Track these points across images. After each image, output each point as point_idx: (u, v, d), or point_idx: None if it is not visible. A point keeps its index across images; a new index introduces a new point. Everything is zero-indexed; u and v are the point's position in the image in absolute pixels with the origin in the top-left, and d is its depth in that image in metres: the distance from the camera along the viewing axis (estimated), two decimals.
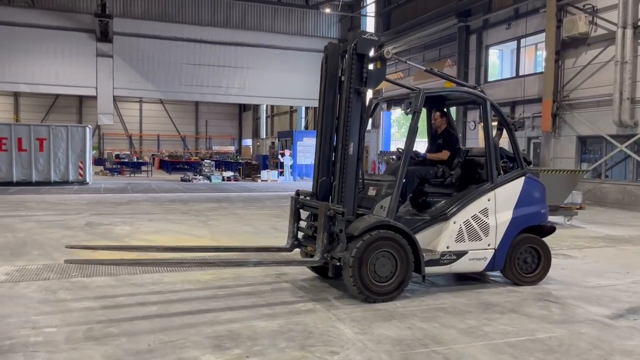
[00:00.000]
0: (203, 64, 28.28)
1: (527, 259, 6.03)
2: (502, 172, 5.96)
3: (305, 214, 5.99)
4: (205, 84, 28.67)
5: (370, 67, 5.55)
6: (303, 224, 6.03)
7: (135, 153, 44.42)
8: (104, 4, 25.58)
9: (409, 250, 5.23)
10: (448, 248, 5.59)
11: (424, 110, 6.19)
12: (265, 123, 48.01)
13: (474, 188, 5.85)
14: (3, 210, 12.51)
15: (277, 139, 34.92)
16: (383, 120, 27.51)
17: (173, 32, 27.58)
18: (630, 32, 14.43)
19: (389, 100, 6.65)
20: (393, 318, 4.75)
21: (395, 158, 6.72)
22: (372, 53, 5.56)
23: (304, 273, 6.35)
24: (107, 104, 27.18)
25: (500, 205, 5.83)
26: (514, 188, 5.94)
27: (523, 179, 6.01)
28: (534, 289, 5.86)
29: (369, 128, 26.48)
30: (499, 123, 6.20)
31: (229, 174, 27.10)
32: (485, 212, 5.76)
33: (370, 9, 28.64)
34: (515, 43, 19.41)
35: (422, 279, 5.69)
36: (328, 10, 29.28)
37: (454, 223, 5.62)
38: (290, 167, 27.59)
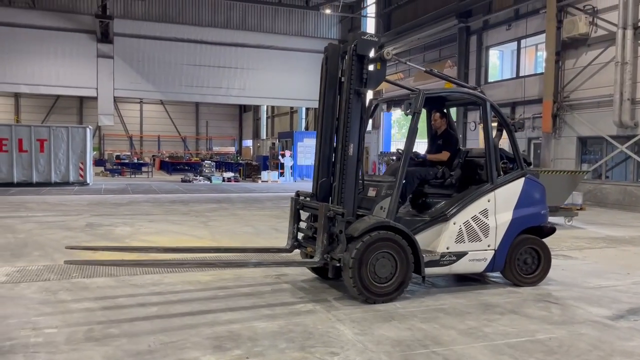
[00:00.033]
0: (203, 65, 28.31)
1: (527, 260, 6.03)
2: (502, 173, 5.95)
3: (305, 215, 5.99)
4: (206, 85, 28.70)
5: (370, 68, 5.55)
6: (303, 225, 6.03)
7: (136, 154, 44.46)
8: (105, 5, 25.61)
9: (409, 251, 5.24)
10: (448, 249, 5.59)
11: (424, 111, 6.20)
12: (266, 124, 48.05)
13: (474, 189, 5.85)
14: (4, 211, 12.52)
15: (277, 140, 34.93)
16: (383, 121, 27.51)
17: (173, 33, 27.61)
18: (631, 32, 14.43)
19: (389, 101, 6.67)
20: (393, 319, 4.75)
21: (395, 159, 6.71)
22: (372, 54, 5.56)
23: (304, 274, 6.35)
24: (107, 105, 27.20)
25: (500, 206, 5.83)
26: (514, 189, 5.94)
27: (523, 180, 6.01)
28: (534, 290, 5.86)
29: (369, 129, 26.48)
30: (499, 124, 6.20)
31: (230, 175, 27.11)
32: (485, 213, 5.76)
33: (371, 10, 28.67)
34: (516, 44, 19.42)
35: (422, 280, 5.69)
36: (328, 11, 29.29)
37: (454, 224, 5.63)
38: (291, 167, 27.59)
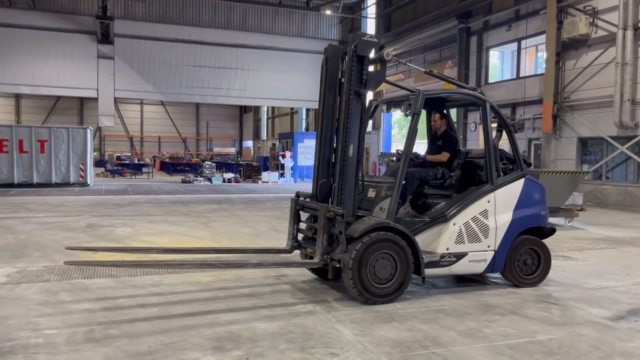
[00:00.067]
0: (204, 66, 28.33)
1: (527, 261, 6.02)
2: (501, 173, 5.96)
3: (305, 216, 5.99)
4: (206, 86, 28.71)
5: (370, 68, 5.55)
6: (303, 226, 6.03)
7: (136, 155, 44.45)
8: (105, 6, 25.64)
9: (409, 252, 5.23)
10: (448, 250, 5.59)
11: (424, 112, 6.20)
12: (266, 124, 48.06)
13: (474, 190, 5.85)
14: (4, 212, 12.53)
15: (277, 141, 34.92)
16: (384, 122, 27.50)
17: (174, 33, 27.62)
18: (631, 33, 14.43)
19: (389, 102, 6.65)
20: (393, 320, 4.75)
21: (395, 160, 6.72)
22: (372, 55, 5.56)
23: (304, 275, 6.36)
24: (108, 106, 27.21)
25: (500, 207, 5.83)
26: (514, 190, 5.93)
27: (523, 181, 6.01)
28: (534, 291, 5.86)
29: (370, 129, 26.49)
30: (499, 125, 6.21)
31: (230, 176, 27.11)
32: (485, 213, 5.76)
33: (371, 11, 28.68)
34: (516, 44, 19.41)
35: (422, 281, 5.69)
36: (329, 12, 29.31)
37: (454, 225, 5.62)
38: (291, 168, 27.59)
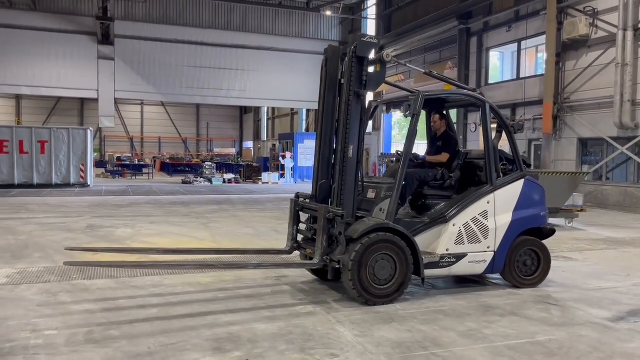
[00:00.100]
0: (204, 67, 28.34)
1: (526, 262, 6.02)
2: (501, 174, 5.96)
3: (305, 217, 6.00)
4: (207, 87, 28.71)
5: (370, 69, 5.56)
6: (303, 227, 6.04)
7: (137, 155, 44.48)
8: (106, 7, 25.65)
9: (408, 253, 5.23)
10: (447, 251, 5.59)
11: (424, 113, 6.20)
12: (267, 125, 48.07)
13: (474, 190, 5.85)
14: (4, 213, 12.53)
15: (278, 141, 34.92)
16: (384, 123, 27.50)
17: (174, 34, 27.64)
18: (631, 34, 14.43)
19: (389, 103, 6.65)
20: (393, 321, 4.75)
21: (395, 160, 6.72)
22: (371, 56, 5.57)
23: (304, 276, 6.36)
24: (108, 107, 27.22)
25: (500, 208, 5.83)
26: (514, 190, 5.93)
27: (522, 182, 6.00)
28: (534, 292, 5.86)
29: (370, 130, 26.49)
30: (499, 125, 6.21)
31: (230, 176, 27.10)
32: (485, 214, 5.76)
33: (371, 12, 28.69)
34: (516, 45, 19.42)
35: (421, 282, 5.69)
36: (329, 13, 29.32)
37: (454, 225, 5.62)
38: (291, 169, 27.60)
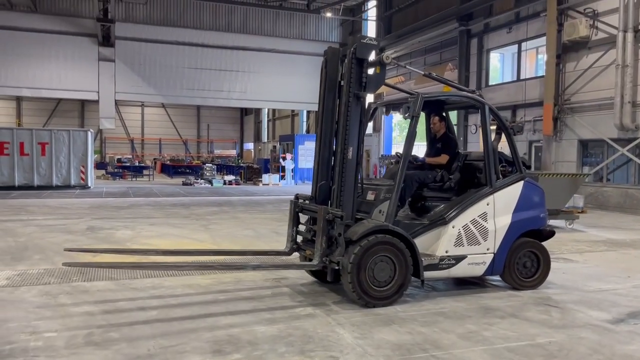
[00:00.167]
0: (205, 68, 28.34)
1: (526, 264, 6.01)
2: (501, 176, 5.95)
3: (305, 218, 6.00)
4: (207, 88, 28.72)
5: (370, 71, 5.55)
6: (302, 228, 6.03)
7: (137, 157, 44.48)
8: (106, 9, 25.66)
9: (408, 255, 5.23)
10: (447, 252, 5.59)
11: (423, 115, 6.20)
12: (267, 127, 48.08)
13: (473, 192, 5.84)
14: (4, 215, 12.54)
15: (278, 143, 34.94)
16: (384, 124, 27.50)
17: (175, 36, 27.65)
18: (631, 35, 14.43)
19: (388, 105, 6.64)
20: (393, 323, 4.75)
21: (394, 162, 6.72)
22: (371, 57, 5.57)
23: (304, 277, 6.35)
24: (109, 108, 27.23)
25: (499, 210, 5.83)
26: (513, 192, 5.93)
27: (522, 183, 6.00)
28: (535, 293, 5.85)
29: (370, 132, 26.48)
30: (498, 127, 6.21)
31: (231, 178, 27.11)
32: (484, 216, 5.76)
33: (372, 13, 28.70)
34: (516, 47, 19.42)
35: (421, 284, 5.68)
36: (329, 15, 29.33)
37: (453, 227, 5.62)
38: (292, 170, 27.60)
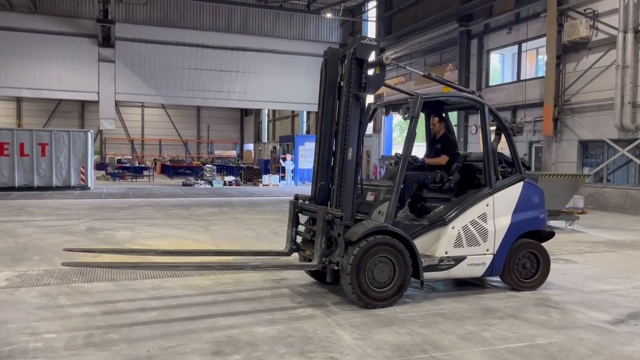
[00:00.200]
0: (205, 69, 28.34)
1: (526, 264, 6.01)
2: (500, 177, 5.95)
3: (304, 219, 5.99)
4: (207, 89, 28.72)
5: (370, 72, 5.55)
6: (302, 229, 6.03)
7: (137, 158, 44.45)
8: (106, 10, 25.68)
9: (407, 256, 5.22)
10: (446, 253, 5.58)
11: (423, 115, 6.20)
12: (267, 127, 48.09)
13: (473, 193, 5.84)
14: (4, 216, 12.54)
15: (278, 144, 34.95)
16: (385, 125, 27.49)
17: (175, 37, 27.66)
18: (631, 36, 14.43)
19: (388, 105, 6.65)
20: (393, 324, 4.74)
21: (394, 163, 6.72)
22: (371, 58, 5.57)
23: (303, 278, 6.35)
24: (109, 109, 27.23)
25: (499, 211, 5.82)
26: (513, 193, 5.93)
27: (521, 184, 6.00)
28: (534, 294, 5.85)
29: (371, 132, 26.48)
30: (498, 128, 6.20)
31: (231, 179, 27.11)
32: (484, 217, 5.75)
33: (372, 14, 28.71)
34: (516, 47, 19.42)
35: (420, 285, 5.68)
36: (329, 15, 29.34)
37: (453, 228, 5.62)
38: (292, 171, 27.60)
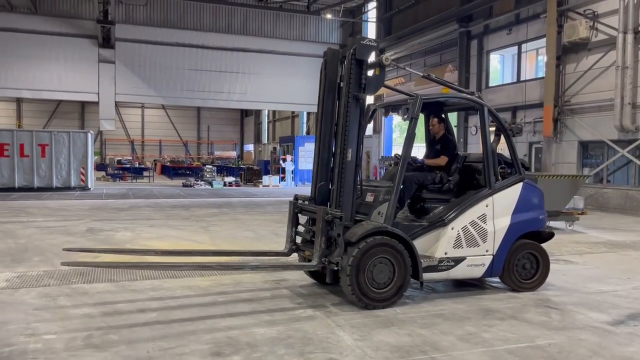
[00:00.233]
0: (205, 70, 28.34)
1: (525, 265, 6.01)
2: (500, 177, 5.95)
3: (304, 219, 5.99)
4: (207, 90, 28.71)
5: (369, 73, 5.55)
6: (302, 229, 6.03)
7: (137, 158, 44.44)
8: (106, 10, 25.68)
9: (407, 257, 5.22)
10: (446, 254, 5.58)
11: (422, 116, 6.20)
12: (267, 128, 48.10)
13: (472, 194, 5.84)
14: (4, 216, 12.54)
15: (278, 144, 34.93)
16: (385, 125, 27.50)
17: (175, 38, 27.67)
18: (631, 37, 14.44)
19: (387, 106, 6.65)
20: (392, 324, 4.74)
21: (393, 164, 6.72)
22: (371, 59, 5.57)
23: (303, 279, 6.35)
24: (109, 110, 27.23)
25: (498, 211, 5.82)
26: (512, 194, 5.93)
27: (521, 185, 5.99)
28: (534, 295, 5.85)
29: (371, 133, 26.47)
30: (497, 129, 6.21)
31: (231, 180, 27.10)
32: (483, 218, 5.75)
33: (372, 15, 28.73)
34: (516, 48, 19.43)
35: (420, 285, 5.67)
36: (329, 16, 29.35)
37: (452, 229, 5.62)
38: (292, 172, 27.60)
